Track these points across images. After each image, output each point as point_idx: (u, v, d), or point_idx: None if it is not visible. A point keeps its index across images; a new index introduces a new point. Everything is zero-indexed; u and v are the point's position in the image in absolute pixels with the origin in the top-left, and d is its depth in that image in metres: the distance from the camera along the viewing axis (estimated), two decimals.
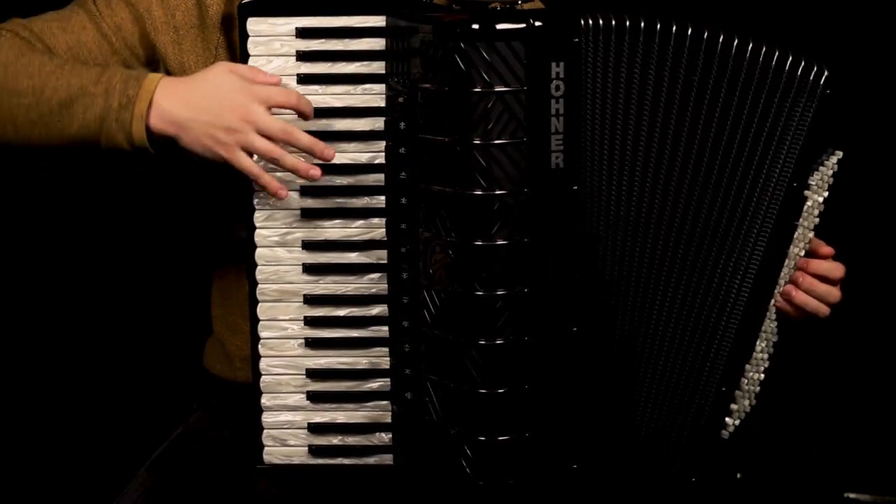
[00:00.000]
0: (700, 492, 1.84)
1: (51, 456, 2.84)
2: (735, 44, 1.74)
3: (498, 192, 1.68)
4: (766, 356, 1.84)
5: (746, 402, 1.83)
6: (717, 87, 1.75)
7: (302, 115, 1.73)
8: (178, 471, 1.84)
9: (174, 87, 1.71)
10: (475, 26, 1.65)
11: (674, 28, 1.72)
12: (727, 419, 1.83)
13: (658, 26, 1.71)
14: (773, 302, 1.83)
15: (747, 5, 2.63)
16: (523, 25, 1.66)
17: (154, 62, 1.90)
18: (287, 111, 1.73)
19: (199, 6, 1.87)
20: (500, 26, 1.66)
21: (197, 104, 1.70)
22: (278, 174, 1.74)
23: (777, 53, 1.76)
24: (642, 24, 1.71)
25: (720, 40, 1.74)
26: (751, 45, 1.75)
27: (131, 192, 2.72)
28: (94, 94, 1.71)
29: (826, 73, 1.77)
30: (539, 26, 1.66)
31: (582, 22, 1.69)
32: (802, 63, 1.77)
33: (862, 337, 2.72)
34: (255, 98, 1.69)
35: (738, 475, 1.84)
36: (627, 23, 1.71)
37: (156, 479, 1.83)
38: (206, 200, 1.93)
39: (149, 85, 1.71)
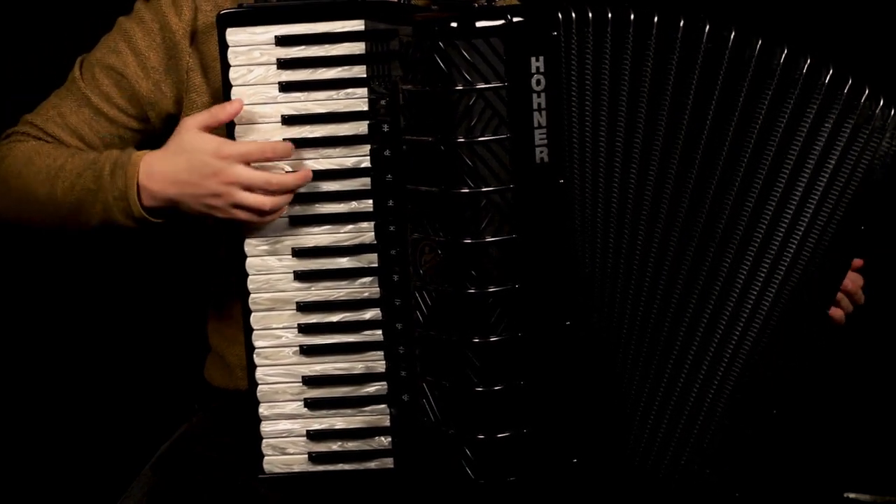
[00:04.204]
0: (706, 492, 1.84)
1: (54, 456, 2.82)
2: (759, 45, 1.74)
3: (484, 190, 1.68)
4: None
5: None
6: (730, 84, 1.74)
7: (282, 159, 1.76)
8: (181, 471, 1.84)
9: (155, 166, 1.76)
10: (453, 24, 1.66)
11: (655, 19, 1.72)
12: None
13: (632, 17, 1.71)
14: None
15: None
16: (501, 22, 1.66)
17: (151, 113, 1.91)
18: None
19: (165, 40, 1.88)
20: (478, 24, 1.66)
21: (180, 178, 1.74)
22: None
23: (810, 62, 1.75)
24: (611, 15, 1.71)
25: (731, 37, 1.73)
26: (761, 45, 1.74)
27: None
28: (95, 191, 1.78)
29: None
30: (517, 22, 1.67)
31: (560, 15, 1.70)
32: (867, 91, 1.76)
33: (862, 337, 2.72)
34: (230, 159, 1.72)
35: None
36: (594, 15, 1.70)
37: (159, 479, 1.83)
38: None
39: (132, 171, 1.76)
